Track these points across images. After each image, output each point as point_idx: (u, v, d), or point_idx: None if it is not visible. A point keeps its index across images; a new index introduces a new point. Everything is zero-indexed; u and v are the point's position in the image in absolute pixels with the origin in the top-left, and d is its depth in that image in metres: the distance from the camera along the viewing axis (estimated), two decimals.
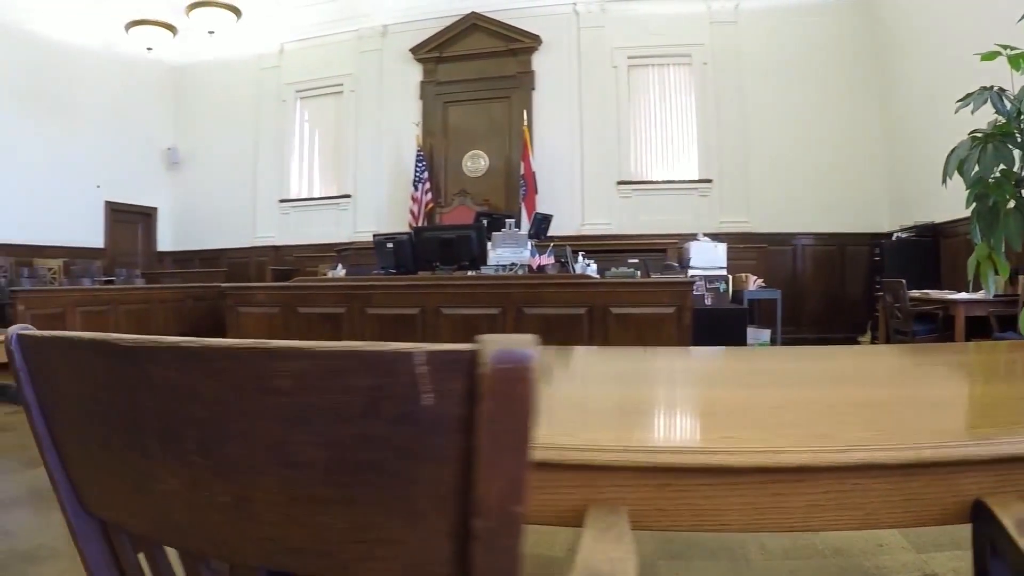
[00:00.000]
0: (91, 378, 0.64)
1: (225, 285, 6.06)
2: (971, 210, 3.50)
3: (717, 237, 8.06)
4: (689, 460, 0.77)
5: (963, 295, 5.18)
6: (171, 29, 8.86)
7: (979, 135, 3.40)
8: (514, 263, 5.09)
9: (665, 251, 7.36)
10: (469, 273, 5.38)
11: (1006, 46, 3.42)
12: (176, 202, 11.90)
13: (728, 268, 7.54)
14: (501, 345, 0.47)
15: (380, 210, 10.43)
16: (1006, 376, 1.48)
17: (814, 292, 8.71)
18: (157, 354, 0.57)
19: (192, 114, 11.83)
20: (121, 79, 10.65)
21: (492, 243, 5.32)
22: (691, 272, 5.77)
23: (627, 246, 7.91)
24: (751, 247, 8.42)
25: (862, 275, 8.29)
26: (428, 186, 9.85)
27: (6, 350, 0.67)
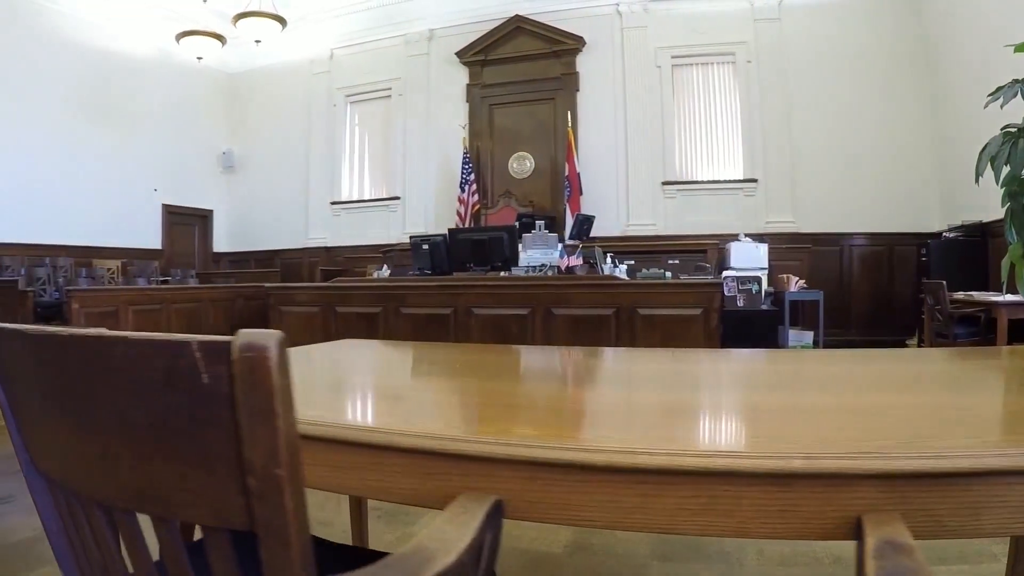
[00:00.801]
0: (23, 359, 0.79)
1: (268, 285, 6.25)
2: (1005, 209, 3.38)
3: (763, 238, 7.92)
4: (553, 456, 0.79)
5: (1008, 297, 4.96)
6: (220, 39, 9.18)
7: (1012, 130, 3.27)
8: (543, 264, 5.11)
9: (705, 252, 7.26)
10: (502, 274, 5.44)
11: None
12: (231, 204, 12.33)
13: (772, 269, 7.41)
14: (248, 337, 0.57)
15: (428, 211, 10.59)
16: (952, 387, 1.41)
17: (862, 293, 8.46)
18: (47, 340, 0.73)
19: (246, 119, 12.26)
20: (178, 87, 11.10)
21: (522, 244, 5.36)
22: (728, 273, 5.68)
23: (671, 247, 7.84)
24: (797, 247, 8.23)
25: (911, 276, 8.01)
26: (475, 187, 9.95)
27: None
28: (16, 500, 2.91)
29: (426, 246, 5.95)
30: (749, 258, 7.03)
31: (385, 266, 7.87)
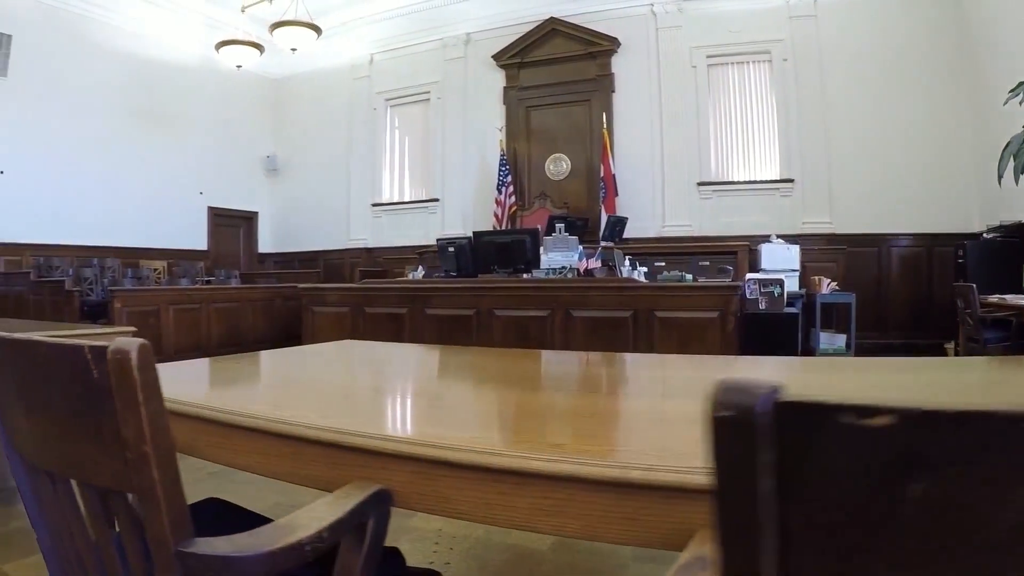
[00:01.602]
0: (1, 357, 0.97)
1: (302, 286, 6.43)
2: None
3: (799, 239, 7.81)
4: (430, 453, 0.87)
5: None
6: (258, 47, 9.44)
7: None
8: (564, 266, 5.16)
9: (736, 253, 7.19)
10: (523, 276, 5.51)
11: None
12: (275, 206, 12.68)
13: (805, 271, 7.30)
14: (117, 344, 0.75)
15: (467, 213, 10.71)
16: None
17: (900, 296, 8.24)
18: (4, 343, 0.92)
19: (289, 123, 12.59)
20: (222, 92, 11.45)
21: (544, 247, 5.42)
22: (751, 275, 5.63)
23: (707, 248, 7.77)
24: (832, 249, 8.07)
25: (950, 278, 7.79)
26: (511, 189, 10.03)
27: None
28: (11, 488, 3.06)
29: (452, 249, 6.06)
30: (780, 260, 6.96)
31: (420, 267, 8.01)
